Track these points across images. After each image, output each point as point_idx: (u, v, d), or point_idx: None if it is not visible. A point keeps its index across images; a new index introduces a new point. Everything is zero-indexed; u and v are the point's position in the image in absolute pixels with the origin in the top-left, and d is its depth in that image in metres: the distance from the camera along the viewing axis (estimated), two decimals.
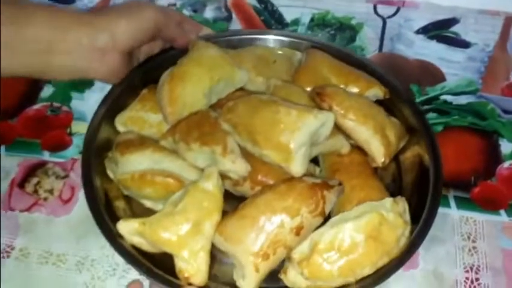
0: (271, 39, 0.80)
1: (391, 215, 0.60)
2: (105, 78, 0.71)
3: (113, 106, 0.73)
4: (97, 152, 0.69)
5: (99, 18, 0.67)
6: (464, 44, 0.93)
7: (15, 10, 0.63)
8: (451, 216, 0.73)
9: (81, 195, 0.73)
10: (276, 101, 0.65)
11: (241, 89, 0.74)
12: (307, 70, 0.74)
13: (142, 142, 0.68)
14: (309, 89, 0.72)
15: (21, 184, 0.75)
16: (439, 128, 0.81)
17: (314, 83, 0.72)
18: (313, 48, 0.78)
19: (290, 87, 0.72)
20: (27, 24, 0.63)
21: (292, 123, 0.62)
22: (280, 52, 0.79)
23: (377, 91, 0.73)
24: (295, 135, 0.62)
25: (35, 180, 0.76)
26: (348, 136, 0.68)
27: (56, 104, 0.84)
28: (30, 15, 0.64)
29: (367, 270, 0.59)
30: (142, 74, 0.75)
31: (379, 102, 0.72)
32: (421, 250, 0.68)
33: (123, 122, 0.72)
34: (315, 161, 0.69)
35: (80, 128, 0.81)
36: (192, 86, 0.69)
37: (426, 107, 0.84)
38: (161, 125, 0.71)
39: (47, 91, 0.86)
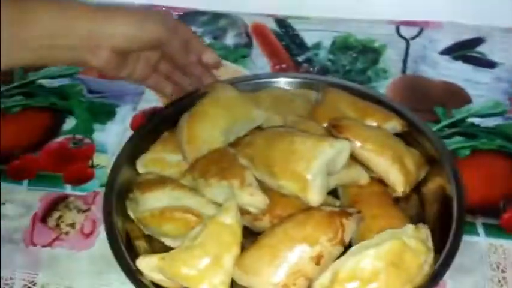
0: (286, 81, 0.82)
1: (413, 242, 0.59)
2: (98, 68, 0.72)
3: (134, 149, 0.74)
4: (118, 193, 0.70)
5: (104, 15, 0.68)
6: (491, 64, 0.91)
7: (16, 7, 0.64)
8: (479, 244, 0.71)
9: (101, 229, 0.73)
10: (292, 132, 0.65)
11: (259, 127, 0.74)
12: (324, 106, 0.75)
13: (162, 181, 0.69)
14: (325, 124, 0.72)
15: (43, 219, 0.75)
16: (467, 152, 0.79)
17: (331, 118, 0.72)
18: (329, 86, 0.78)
19: (307, 122, 0.72)
20: (29, 22, 0.64)
21: (307, 152, 0.62)
22: (296, 91, 0.80)
23: (395, 124, 0.73)
24: (311, 164, 0.62)
25: (56, 214, 0.76)
26: (366, 168, 0.68)
27: (78, 137, 0.85)
28: (33, 11, 0.64)
29: None
30: (164, 118, 0.77)
31: (397, 135, 0.72)
32: (448, 281, 0.67)
33: (145, 164, 0.73)
34: (334, 194, 0.69)
35: (101, 160, 0.81)
36: (210, 125, 0.70)
37: (452, 130, 0.82)
38: (181, 165, 0.71)
39: (69, 123, 0.86)
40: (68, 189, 0.78)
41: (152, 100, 0.89)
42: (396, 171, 0.67)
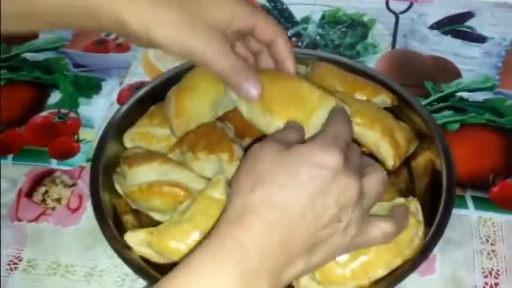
0: None
1: None
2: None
3: (121, 123, 0.73)
4: (105, 168, 0.69)
5: None
6: (480, 39, 0.90)
7: None
8: (469, 217, 0.71)
9: (88, 204, 0.72)
10: (300, 79, 0.64)
11: None
12: (313, 81, 0.73)
13: (149, 155, 0.68)
14: None
15: (29, 194, 0.74)
16: (455, 126, 0.79)
17: None
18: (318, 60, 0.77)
19: None
20: None
21: (314, 101, 0.60)
22: None
23: (384, 98, 0.72)
24: (315, 113, 0.60)
25: (42, 189, 0.75)
26: (357, 142, 0.67)
27: (63, 111, 0.83)
28: None
29: (381, 272, 0.58)
30: (150, 91, 0.76)
31: (387, 110, 0.71)
32: (437, 254, 0.67)
33: (132, 138, 0.72)
34: None
35: (87, 135, 0.80)
36: (198, 99, 0.69)
37: (442, 104, 0.82)
38: (169, 139, 0.70)
39: (54, 98, 0.85)
40: (54, 164, 0.77)
41: (139, 73, 0.88)
42: (386, 145, 0.67)
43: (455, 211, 0.64)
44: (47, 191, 0.74)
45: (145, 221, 0.67)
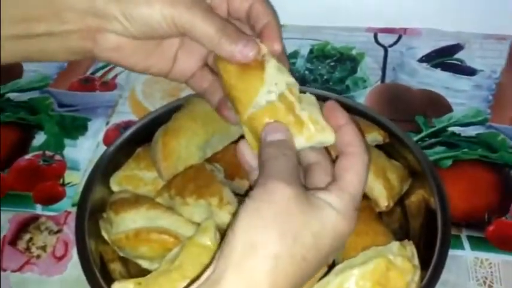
0: None
1: (399, 260, 0.57)
2: (104, 59, 0.57)
3: (107, 166, 0.71)
4: (91, 213, 0.67)
5: None
6: (470, 71, 0.89)
7: None
8: (465, 258, 0.69)
9: (74, 252, 0.70)
10: None
11: (237, 141, 0.71)
12: None
13: (136, 200, 0.66)
14: None
15: (13, 241, 0.72)
16: (448, 162, 0.78)
17: None
18: None
19: None
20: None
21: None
22: None
23: (376, 136, 0.71)
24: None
25: (27, 236, 0.73)
26: None
27: (48, 153, 0.81)
28: None
29: None
30: (137, 132, 0.74)
31: (379, 147, 0.70)
32: None
33: (118, 182, 0.70)
34: None
35: (73, 177, 0.78)
36: (186, 140, 0.67)
37: (433, 140, 0.80)
38: (156, 182, 0.69)
39: (39, 139, 0.83)
40: (39, 209, 0.75)
41: (125, 112, 0.87)
42: (379, 186, 0.66)
43: (451, 252, 0.62)
44: (31, 238, 0.72)
45: (133, 269, 0.66)
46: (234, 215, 0.56)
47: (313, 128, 0.49)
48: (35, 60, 0.57)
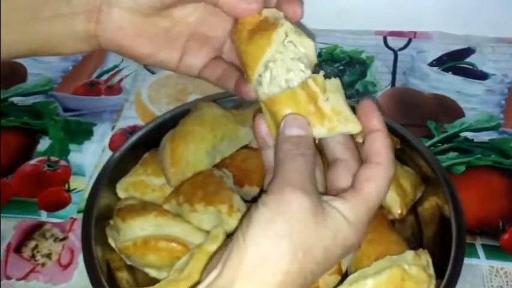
0: None
1: (414, 269, 0.56)
2: (110, 46, 0.54)
3: (113, 171, 0.70)
4: (98, 220, 0.65)
5: None
6: (482, 76, 0.88)
7: None
8: (480, 267, 0.68)
9: (80, 259, 0.68)
10: None
11: (246, 147, 0.71)
12: None
13: (144, 207, 0.64)
14: None
15: (18, 249, 0.71)
16: (462, 168, 0.76)
17: None
18: None
19: None
20: None
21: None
22: None
23: None
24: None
25: (32, 244, 0.71)
26: None
27: (53, 158, 0.80)
28: None
29: None
30: (144, 137, 0.73)
31: None
32: None
33: (125, 188, 0.69)
34: None
35: (78, 183, 0.77)
36: (194, 146, 0.66)
37: (446, 145, 0.79)
38: (164, 189, 0.67)
39: (43, 144, 0.82)
40: (44, 216, 0.74)
41: (131, 117, 0.85)
42: (392, 193, 0.64)
43: (465, 261, 0.61)
44: (36, 246, 0.71)
45: (141, 278, 0.65)
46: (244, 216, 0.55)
47: (336, 120, 0.46)
48: (40, 53, 0.54)
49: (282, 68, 0.47)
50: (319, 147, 0.50)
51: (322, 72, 0.47)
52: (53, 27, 0.51)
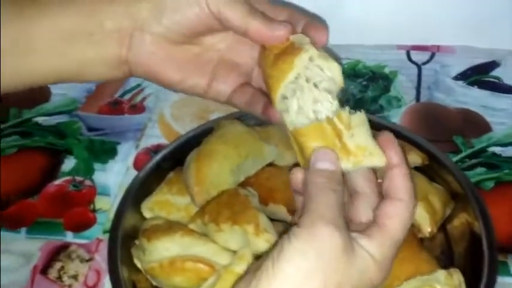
0: None
1: None
2: (138, 72, 0.54)
3: (138, 191, 0.70)
4: (123, 241, 0.65)
5: None
6: (508, 89, 0.87)
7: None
8: None
9: (107, 280, 0.68)
10: None
11: (270, 164, 0.71)
12: None
13: (170, 226, 0.64)
14: None
15: (44, 270, 0.70)
16: (490, 184, 0.75)
17: None
18: None
19: None
20: (33, 17, 0.50)
21: None
22: None
23: (415, 157, 0.69)
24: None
25: (58, 265, 0.71)
26: None
27: (78, 178, 0.80)
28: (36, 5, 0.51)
29: None
30: (168, 156, 0.73)
31: (418, 169, 0.68)
32: None
33: (150, 208, 0.69)
34: None
35: (103, 203, 0.77)
36: (219, 164, 0.66)
37: (474, 161, 0.78)
38: (189, 208, 0.67)
39: (68, 164, 0.82)
40: (69, 237, 0.74)
41: (155, 135, 0.85)
42: (422, 210, 0.64)
43: (498, 279, 0.60)
44: (62, 267, 0.71)
45: None
46: (273, 245, 0.54)
47: (361, 154, 0.46)
48: (67, 80, 0.53)
49: (309, 97, 0.47)
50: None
51: (347, 108, 0.47)
52: (84, 54, 0.51)
